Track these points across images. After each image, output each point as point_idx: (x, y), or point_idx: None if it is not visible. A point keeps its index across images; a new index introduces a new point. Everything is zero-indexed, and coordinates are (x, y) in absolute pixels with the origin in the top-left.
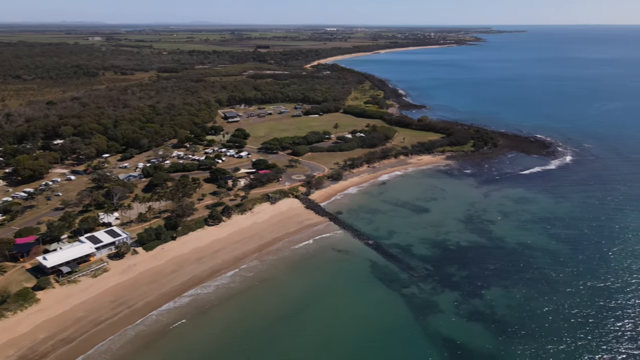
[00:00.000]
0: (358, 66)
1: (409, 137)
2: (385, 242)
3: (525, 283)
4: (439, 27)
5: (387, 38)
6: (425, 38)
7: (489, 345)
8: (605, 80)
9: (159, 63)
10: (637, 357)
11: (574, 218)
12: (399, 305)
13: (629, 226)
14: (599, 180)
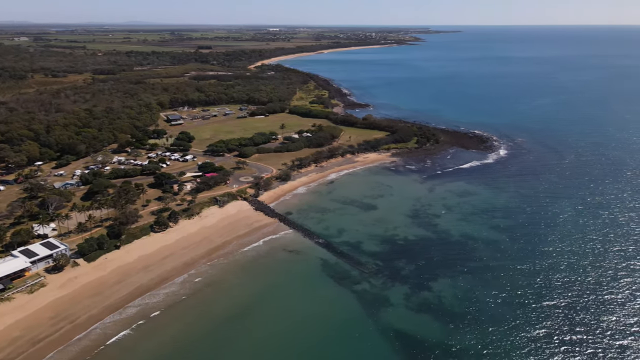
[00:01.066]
0: (302, 66)
1: (354, 135)
2: (336, 240)
3: (469, 272)
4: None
5: (330, 38)
6: (366, 38)
7: (438, 334)
8: (535, 77)
9: (94, 65)
10: (569, 331)
11: (511, 208)
12: (350, 301)
13: (560, 213)
14: (531, 172)
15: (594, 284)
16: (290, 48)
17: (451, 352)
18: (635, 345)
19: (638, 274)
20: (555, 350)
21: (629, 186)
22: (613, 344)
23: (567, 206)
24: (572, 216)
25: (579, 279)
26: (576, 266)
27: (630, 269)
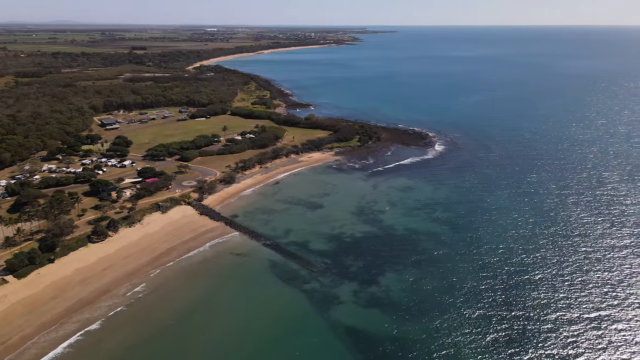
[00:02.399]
0: (242, 67)
1: (298, 135)
2: (283, 240)
3: (414, 265)
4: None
5: (270, 38)
6: (306, 38)
7: (387, 327)
8: (469, 75)
9: (16, 67)
10: (505, 310)
11: (450, 201)
12: (300, 301)
13: (494, 203)
14: (467, 166)
15: (526, 266)
16: (230, 48)
17: (400, 343)
18: (562, 318)
19: (563, 254)
20: (493, 329)
21: (552, 175)
22: (544, 319)
23: (500, 196)
24: (505, 205)
25: (512, 262)
26: (509, 251)
27: (556, 250)
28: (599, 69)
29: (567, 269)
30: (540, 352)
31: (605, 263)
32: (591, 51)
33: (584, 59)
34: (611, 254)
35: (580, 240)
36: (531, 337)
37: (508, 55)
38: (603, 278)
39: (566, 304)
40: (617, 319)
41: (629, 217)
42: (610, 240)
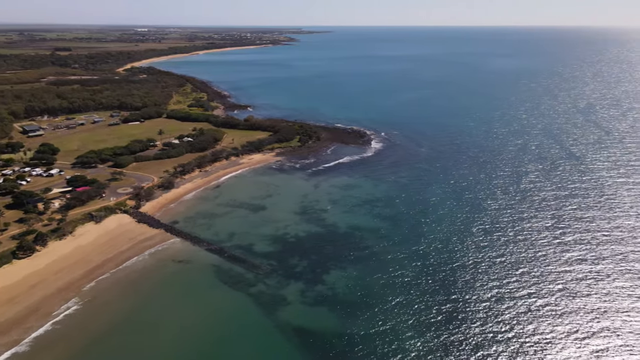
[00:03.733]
0: (177, 68)
1: (237, 137)
2: (227, 244)
3: (358, 261)
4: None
5: (204, 39)
6: (242, 38)
7: (334, 324)
8: (403, 74)
9: None
10: (444, 300)
11: (391, 197)
12: (247, 304)
13: (432, 197)
14: (405, 162)
15: (461, 254)
16: (162, 49)
17: (347, 339)
18: (494, 298)
19: (493, 240)
20: (433, 316)
21: (481, 167)
22: (479, 301)
23: (437, 190)
24: (442, 199)
25: (449, 251)
26: (446, 240)
27: (489, 240)
28: (520, 67)
29: (498, 254)
30: (478, 332)
31: (530, 246)
32: (513, 50)
33: (507, 57)
34: (535, 237)
35: (508, 226)
36: (469, 320)
37: (441, 55)
38: (530, 259)
39: (498, 285)
40: (545, 299)
41: (549, 203)
42: (534, 225)
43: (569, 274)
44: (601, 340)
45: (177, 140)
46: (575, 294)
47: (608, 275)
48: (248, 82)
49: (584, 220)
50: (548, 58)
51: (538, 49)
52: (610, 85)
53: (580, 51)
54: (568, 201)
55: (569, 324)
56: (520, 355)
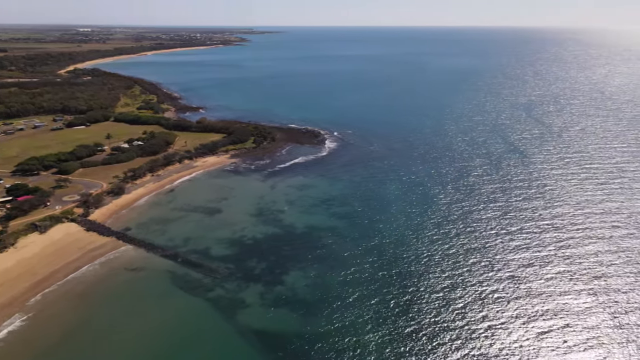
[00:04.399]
0: (124, 70)
1: (190, 140)
2: (182, 249)
3: (316, 261)
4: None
5: (152, 39)
6: (191, 39)
7: (295, 325)
8: (357, 74)
9: None
10: (400, 293)
11: (346, 195)
12: (205, 310)
13: (387, 194)
14: (359, 161)
15: (416, 249)
16: (108, 50)
17: (307, 337)
18: (448, 290)
19: (446, 234)
20: (390, 312)
21: (432, 164)
22: (434, 294)
23: (390, 187)
24: (395, 195)
25: (404, 247)
26: (401, 237)
27: (441, 233)
28: (467, 66)
29: (449, 246)
30: (432, 322)
31: (479, 237)
32: (461, 50)
33: (455, 57)
34: (484, 228)
35: (458, 219)
36: (424, 310)
37: (395, 55)
38: (479, 249)
39: (450, 276)
40: (494, 287)
41: (496, 196)
42: (482, 216)
43: (515, 261)
44: (545, 322)
45: (127, 144)
46: (521, 280)
47: (550, 261)
48: (199, 83)
49: (528, 210)
50: (492, 57)
51: (483, 48)
52: (549, 83)
53: (521, 50)
54: (513, 193)
55: (516, 309)
56: (472, 341)
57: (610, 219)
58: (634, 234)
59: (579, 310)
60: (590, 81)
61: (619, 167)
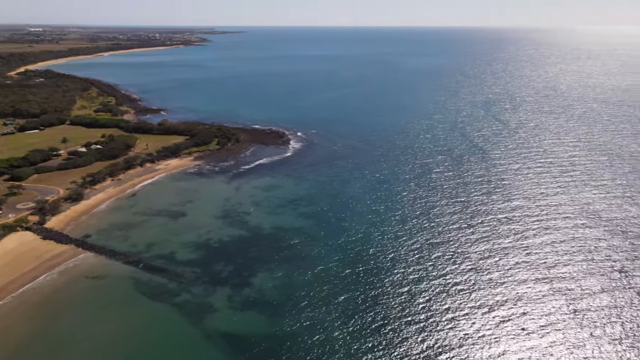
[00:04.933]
0: (79, 71)
1: (152, 142)
2: (146, 255)
3: (284, 261)
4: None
5: (108, 39)
6: (150, 39)
7: (264, 326)
8: (322, 74)
9: None
10: (366, 289)
11: (312, 195)
12: (172, 315)
13: (352, 192)
14: (325, 160)
15: (382, 246)
16: (62, 51)
17: (275, 338)
18: (414, 287)
19: (411, 233)
20: (357, 308)
21: (397, 163)
22: (399, 291)
23: (355, 186)
24: (360, 193)
25: (371, 245)
26: (367, 235)
27: (405, 229)
28: (429, 66)
29: (413, 241)
30: (398, 316)
31: (442, 231)
32: (427, 49)
33: (422, 56)
34: (446, 223)
35: (421, 214)
36: (390, 305)
37: (355, 56)
38: (442, 243)
39: (414, 270)
40: (457, 279)
41: (457, 191)
42: (444, 211)
43: (476, 253)
44: (504, 311)
45: (85, 148)
46: (482, 271)
47: (509, 252)
48: (160, 85)
49: (487, 204)
50: (452, 57)
51: (444, 48)
52: (505, 81)
53: (479, 50)
54: (473, 188)
55: (478, 299)
56: (437, 332)
57: (563, 210)
58: (585, 224)
59: (536, 298)
60: (543, 79)
61: (571, 161)
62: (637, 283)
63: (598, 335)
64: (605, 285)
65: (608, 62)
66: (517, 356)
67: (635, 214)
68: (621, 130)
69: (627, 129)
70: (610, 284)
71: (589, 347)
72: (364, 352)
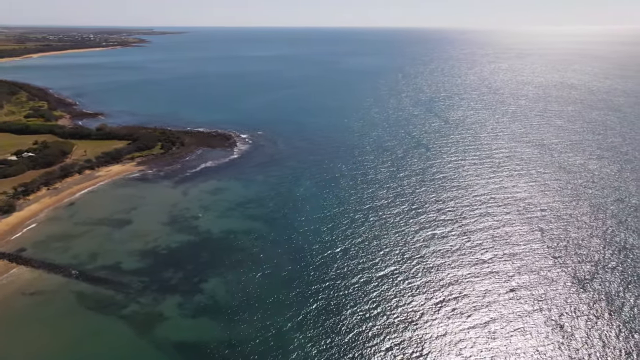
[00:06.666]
0: (5, 74)
1: (90, 148)
2: (89, 267)
3: (235, 265)
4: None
5: (38, 40)
6: (84, 40)
7: (218, 332)
8: (268, 74)
9: None
10: (318, 289)
11: (262, 197)
12: (120, 328)
13: (302, 192)
14: (273, 161)
15: (331, 246)
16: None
17: (228, 344)
18: (364, 280)
19: (360, 231)
20: (310, 309)
21: (344, 161)
22: (351, 284)
23: (304, 186)
24: (309, 194)
25: (321, 245)
26: (317, 235)
27: (354, 227)
28: (371, 65)
29: (362, 239)
30: (350, 314)
31: (390, 228)
32: (367, 49)
33: (361, 55)
34: (393, 220)
35: (369, 213)
36: (342, 304)
37: (300, 55)
38: (390, 240)
39: (365, 268)
40: (406, 274)
41: (403, 188)
42: (392, 209)
43: (424, 249)
44: (452, 303)
45: (15, 157)
46: (429, 267)
47: (454, 246)
48: (97, 87)
49: (432, 199)
50: (393, 56)
51: (383, 48)
52: (444, 80)
53: (418, 50)
54: (419, 184)
55: (426, 293)
56: (389, 327)
57: (501, 202)
58: (519, 211)
59: (481, 290)
60: (479, 77)
61: (508, 154)
62: (567, 264)
63: (531, 311)
64: (538, 265)
65: (537, 61)
66: (457, 336)
67: (565, 201)
68: (550, 125)
69: (558, 123)
70: (542, 264)
71: (520, 323)
72: (317, 352)
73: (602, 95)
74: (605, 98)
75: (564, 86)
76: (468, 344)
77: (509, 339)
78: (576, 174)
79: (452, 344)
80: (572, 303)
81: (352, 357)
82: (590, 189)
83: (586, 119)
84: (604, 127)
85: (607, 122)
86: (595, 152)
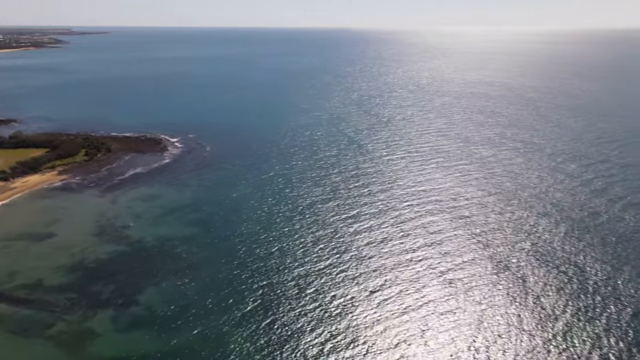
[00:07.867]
0: None
1: (4, 158)
2: (8, 286)
3: (172, 274)
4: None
5: None
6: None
7: (155, 344)
8: (193, 76)
9: None
10: (262, 294)
11: (197, 201)
12: (46, 350)
13: (240, 195)
14: (208, 164)
15: (268, 245)
16: None
17: (168, 353)
18: (301, 283)
19: (296, 229)
20: (249, 310)
21: (279, 161)
22: (289, 282)
23: (240, 188)
24: (246, 195)
25: (258, 245)
26: (254, 236)
27: (290, 226)
28: (302, 66)
29: (299, 237)
30: (288, 310)
31: (325, 224)
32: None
33: (289, 55)
34: (329, 216)
35: (306, 210)
36: (281, 302)
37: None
38: (326, 235)
39: (301, 264)
40: (341, 267)
41: (338, 185)
42: (327, 205)
43: (358, 241)
44: (385, 291)
45: None
46: (363, 258)
47: (387, 238)
48: (8, 92)
49: (366, 194)
50: (324, 57)
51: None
52: (374, 79)
53: (348, 50)
54: (353, 179)
55: (362, 284)
56: (326, 320)
57: (429, 193)
58: (450, 204)
59: (412, 278)
60: (407, 76)
61: (435, 149)
62: (498, 252)
63: (459, 292)
64: (464, 250)
65: (458, 60)
66: (392, 321)
67: (485, 191)
68: (472, 120)
69: (479, 118)
70: (467, 249)
71: (458, 313)
72: (256, 350)
73: (517, 91)
74: (520, 94)
75: (483, 83)
76: (402, 328)
77: (440, 320)
78: (494, 164)
79: (388, 328)
80: (494, 282)
81: (290, 348)
82: (506, 178)
83: (503, 114)
84: (518, 120)
85: (522, 116)
86: (510, 144)
